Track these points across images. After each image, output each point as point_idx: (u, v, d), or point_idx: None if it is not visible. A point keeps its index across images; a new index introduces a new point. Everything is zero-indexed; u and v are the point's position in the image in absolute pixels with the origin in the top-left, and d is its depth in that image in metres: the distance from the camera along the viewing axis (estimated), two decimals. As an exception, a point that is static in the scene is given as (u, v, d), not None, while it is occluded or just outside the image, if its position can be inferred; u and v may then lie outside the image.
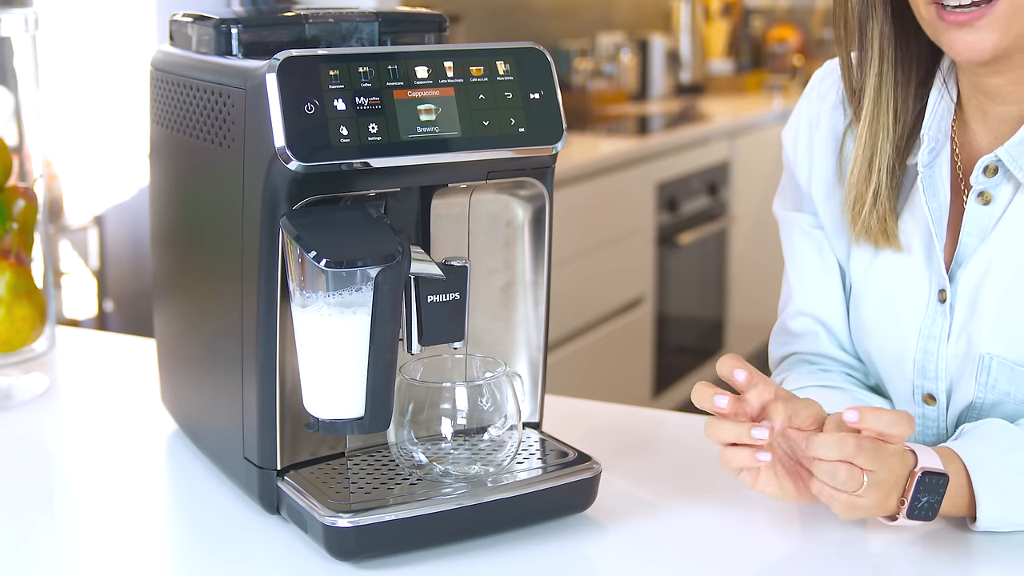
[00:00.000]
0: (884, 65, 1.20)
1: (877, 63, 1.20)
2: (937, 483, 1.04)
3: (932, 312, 1.19)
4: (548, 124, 1.10)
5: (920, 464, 1.05)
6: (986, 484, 1.06)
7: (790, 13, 5.62)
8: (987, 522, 1.07)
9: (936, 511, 1.05)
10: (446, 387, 1.09)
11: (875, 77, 1.20)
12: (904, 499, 1.04)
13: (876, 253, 1.23)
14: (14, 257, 1.46)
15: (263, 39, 1.14)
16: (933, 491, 1.04)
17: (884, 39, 1.20)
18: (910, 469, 1.04)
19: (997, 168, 1.15)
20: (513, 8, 4.32)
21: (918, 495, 1.04)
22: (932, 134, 1.20)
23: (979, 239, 1.17)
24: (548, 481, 1.11)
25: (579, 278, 3.35)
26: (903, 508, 1.05)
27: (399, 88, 1.04)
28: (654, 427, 1.42)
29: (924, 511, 1.05)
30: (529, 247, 1.20)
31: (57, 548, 1.11)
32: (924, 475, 1.04)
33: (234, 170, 1.08)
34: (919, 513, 1.05)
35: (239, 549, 1.09)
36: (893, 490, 1.04)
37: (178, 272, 1.27)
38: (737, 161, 4.25)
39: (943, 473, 1.05)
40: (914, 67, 1.22)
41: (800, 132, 1.31)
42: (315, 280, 1.04)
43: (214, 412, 1.20)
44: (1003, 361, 1.15)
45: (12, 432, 1.38)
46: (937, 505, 1.05)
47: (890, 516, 1.07)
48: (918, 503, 1.04)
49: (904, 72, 1.21)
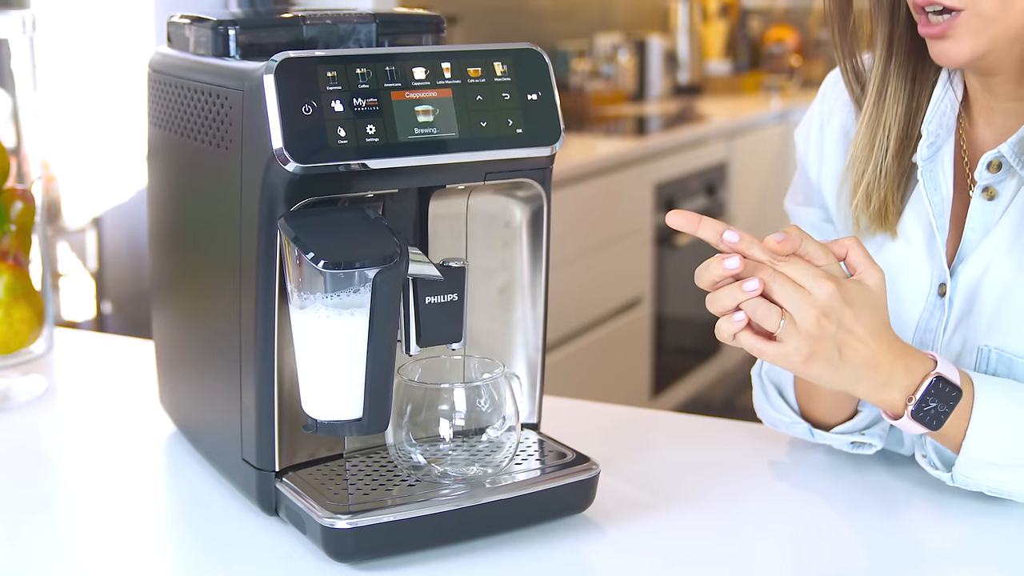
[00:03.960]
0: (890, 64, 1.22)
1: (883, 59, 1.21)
2: (949, 393, 1.07)
3: (931, 306, 1.20)
4: (546, 125, 1.10)
5: (938, 369, 1.07)
6: (986, 403, 1.08)
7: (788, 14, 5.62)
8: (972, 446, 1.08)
9: (941, 422, 1.07)
10: (444, 388, 1.09)
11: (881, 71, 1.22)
12: (913, 397, 1.06)
13: (880, 246, 1.24)
14: (12, 259, 1.46)
15: (260, 40, 1.14)
16: (944, 399, 1.07)
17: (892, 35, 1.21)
18: (927, 372, 1.06)
19: (1001, 164, 1.16)
20: (511, 9, 4.32)
21: (927, 398, 1.06)
22: (932, 129, 1.20)
23: (982, 234, 1.17)
24: (547, 482, 1.11)
25: (577, 279, 3.35)
26: (909, 407, 1.06)
27: (397, 89, 1.04)
28: (653, 427, 1.42)
29: (930, 416, 1.07)
30: (527, 248, 1.20)
31: (55, 550, 1.11)
32: (937, 380, 1.06)
33: (232, 172, 1.08)
34: (924, 417, 1.07)
35: (237, 551, 1.09)
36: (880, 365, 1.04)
37: (176, 274, 1.27)
38: (735, 161, 4.25)
39: (957, 386, 1.07)
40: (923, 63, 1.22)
41: (812, 128, 1.33)
42: (313, 281, 1.04)
43: (212, 414, 1.20)
44: (1002, 353, 1.15)
45: (10, 434, 1.38)
46: (944, 415, 1.07)
47: (895, 415, 1.08)
48: (926, 406, 1.06)
49: (911, 68, 1.22)
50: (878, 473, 1.23)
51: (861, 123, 1.23)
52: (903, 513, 1.17)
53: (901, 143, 1.22)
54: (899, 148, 1.22)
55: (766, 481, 1.24)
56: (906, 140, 1.22)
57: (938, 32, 1.11)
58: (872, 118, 1.22)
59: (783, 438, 1.32)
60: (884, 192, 1.21)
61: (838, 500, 1.20)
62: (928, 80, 1.23)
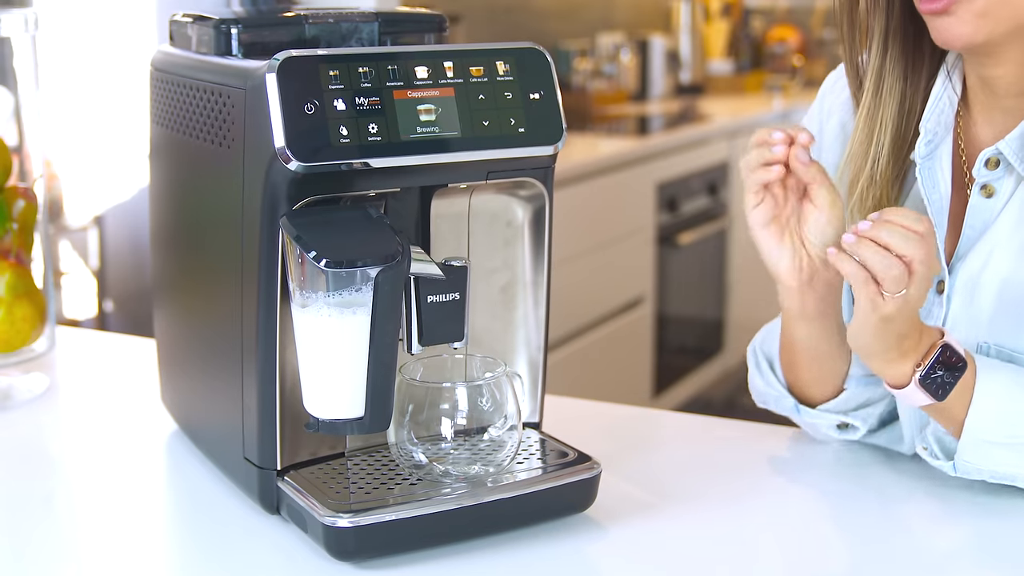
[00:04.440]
0: (887, 59, 1.21)
1: (880, 55, 1.21)
2: (956, 364, 1.08)
3: (929, 303, 1.20)
4: (548, 124, 1.10)
5: (946, 339, 1.09)
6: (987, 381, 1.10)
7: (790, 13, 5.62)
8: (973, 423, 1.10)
9: (947, 392, 1.08)
10: (446, 387, 1.09)
11: (877, 69, 1.21)
12: (922, 363, 1.08)
13: None
14: (14, 257, 1.46)
15: (263, 39, 1.14)
16: (950, 369, 1.08)
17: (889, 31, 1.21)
18: (934, 340, 1.08)
19: (999, 161, 1.16)
20: (513, 8, 4.32)
21: (935, 366, 1.08)
22: (930, 127, 1.20)
23: (980, 231, 1.17)
24: (548, 481, 1.11)
25: (579, 278, 3.35)
26: (917, 374, 1.08)
27: (399, 88, 1.04)
28: (654, 427, 1.42)
29: (937, 385, 1.08)
30: (529, 247, 1.20)
31: (57, 548, 1.11)
32: (945, 348, 1.08)
33: (234, 170, 1.08)
34: (931, 385, 1.08)
35: (239, 549, 1.09)
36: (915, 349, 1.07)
37: (178, 272, 1.27)
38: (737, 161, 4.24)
39: (963, 358, 1.09)
40: (921, 61, 1.22)
41: (811, 125, 1.33)
42: (315, 280, 1.04)
43: (214, 412, 1.20)
44: (1000, 349, 1.15)
45: (12, 432, 1.38)
46: (949, 386, 1.08)
47: (900, 386, 1.09)
48: (934, 373, 1.08)
49: (909, 66, 1.22)
50: (879, 471, 1.23)
51: (859, 120, 1.23)
52: (904, 511, 1.17)
53: (896, 141, 1.22)
54: (895, 146, 1.22)
55: (767, 480, 1.24)
56: (901, 138, 1.22)
57: (941, 7, 1.10)
58: (869, 114, 1.22)
59: (784, 437, 1.32)
60: (880, 190, 1.21)
61: (839, 499, 1.20)
62: (922, 78, 1.22)
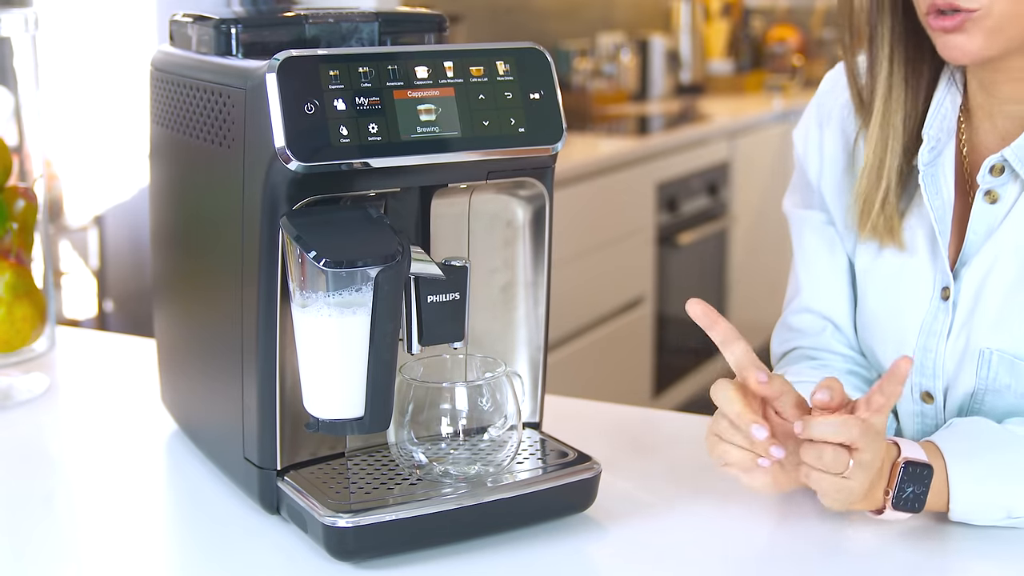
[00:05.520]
0: (894, 65, 1.20)
1: (887, 63, 1.20)
2: (921, 473, 1.06)
3: (934, 309, 1.20)
4: (548, 124, 1.10)
5: (903, 455, 1.06)
6: (961, 476, 1.08)
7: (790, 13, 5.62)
8: (960, 514, 1.09)
9: (923, 503, 1.06)
10: (446, 387, 1.09)
11: (885, 78, 1.20)
12: (889, 489, 1.06)
13: (881, 249, 1.23)
14: (14, 257, 1.46)
15: (263, 39, 1.14)
16: (918, 481, 1.06)
17: (895, 38, 1.20)
18: (893, 460, 1.06)
19: (1004, 167, 1.16)
20: (513, 8, 4.32)
21: (903, 485, 1.06)
22: (933, 134, 1.20)
23: (985, 237, 1.17)
24: (548, 481, 1.11)
25: (579, 278, 3.35)
26: (888, 499, 1.06)
27: (399, 88, 1.04)
28: (654, 427, 1.42)
29: (910, 502, 1.06)
30: (529, 247, 1.20)
31: (57, 548, 1.11)
32: (907, 465, 1.06)
33: (234, 170, 1.08)
34: (905, 504, 1.06)
35: (239, 549, 1.09)
36: (880, 478, 1.05)
37: (178, 272, 1.27)
38: (737, 161, 4.25)
39: (927, 464, 1.06)
40: (924, 67, 1.22)
41: (811, 129, 1.32)
42: (315, 280, 1.04)
43: (214, 412, 1.20)
44: (1004, 355, 1.15)
45: (12, 432, 1.38)
46: (923, 496, 1.06)
47: (877, 510, 1.08)
48: (903, 493, 1.06)
49: (913, 72, 1.22)
50: (880, 473, 1.23)
51: (872, 129, 1.21)
52: (904, 513, 1.17)
53: (907, 152, 1.22)
54: (905, 157, 1.22)
55: (767, 481, 1.24)
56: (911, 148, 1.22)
57: (954, 25, 1.10)
58: (883, 121, 1.21)
59: (785, 438, 1.32)
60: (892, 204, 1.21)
61: (839, 500, 1.20)
62: (923, 83, 1.22)
